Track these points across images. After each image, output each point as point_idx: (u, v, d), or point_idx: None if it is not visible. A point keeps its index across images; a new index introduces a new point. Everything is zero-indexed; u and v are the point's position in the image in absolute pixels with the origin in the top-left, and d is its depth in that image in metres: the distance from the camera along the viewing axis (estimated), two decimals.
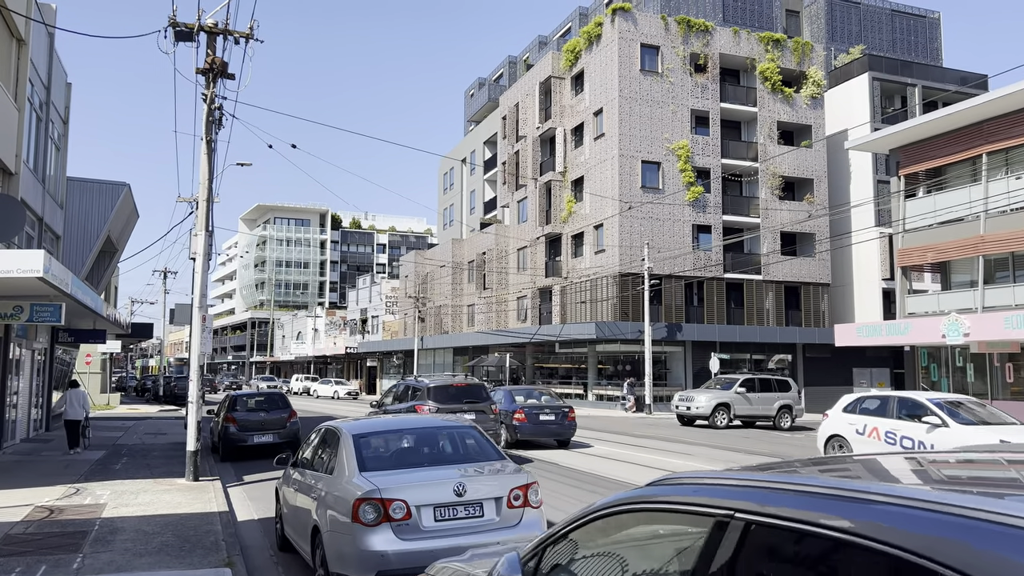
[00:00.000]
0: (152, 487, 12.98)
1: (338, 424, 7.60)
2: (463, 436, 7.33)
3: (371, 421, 7.73)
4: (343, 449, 6.86)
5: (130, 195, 25.13)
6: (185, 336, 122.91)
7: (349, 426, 7.38)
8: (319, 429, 8.26)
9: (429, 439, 7.31)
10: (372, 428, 7.31)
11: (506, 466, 6.81)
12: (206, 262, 13.93)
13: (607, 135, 41.32)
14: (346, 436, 7.00)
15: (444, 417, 8.07)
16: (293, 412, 18.53)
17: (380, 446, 7.04)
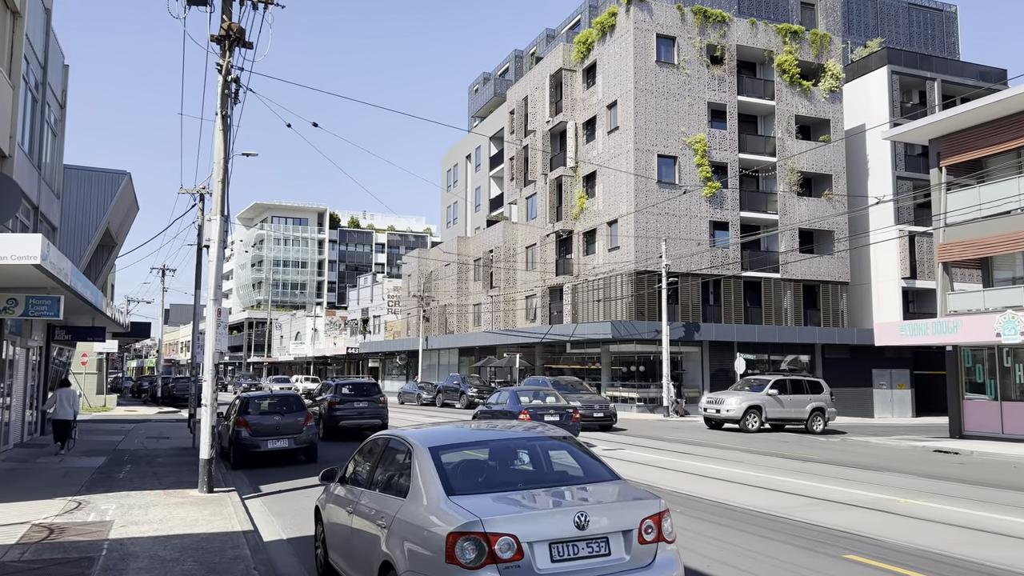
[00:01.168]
0: (162, 500, 11.62)
1: (404, 434, 6.26)
2: (561, 449, 6.00)
3: (443, 431, 6.39)
4: (419, 466, 5.53)
5: (130, 185, 23.74)
6: (181, 336, 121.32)
7: (419, 436, 6.05)
8: (375, 440, 6.93)
9: (522, 453, 5.98)
10: (450, 439, 5.98)
11: (626, 488, 5.49)
12: (221, 250, 12.58)
13: (622, 128, 40.04)
14: (420, 449, 5.67)
15: (530, 426, 6.69)
16: (309, 415, 17.18)
17: (465, 462, 5.71)
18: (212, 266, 12.48)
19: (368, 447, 7.03)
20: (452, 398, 42.52)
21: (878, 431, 30.05)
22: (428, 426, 6.93)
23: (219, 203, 12.64)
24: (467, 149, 62.06)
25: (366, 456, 6.97)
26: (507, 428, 6.68)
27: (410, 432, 6.30)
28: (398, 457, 6.07)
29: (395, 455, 6.18)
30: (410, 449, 5.80)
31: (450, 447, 5.72)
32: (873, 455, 20.36)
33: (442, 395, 43.60)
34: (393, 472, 6.02)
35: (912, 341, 23.86)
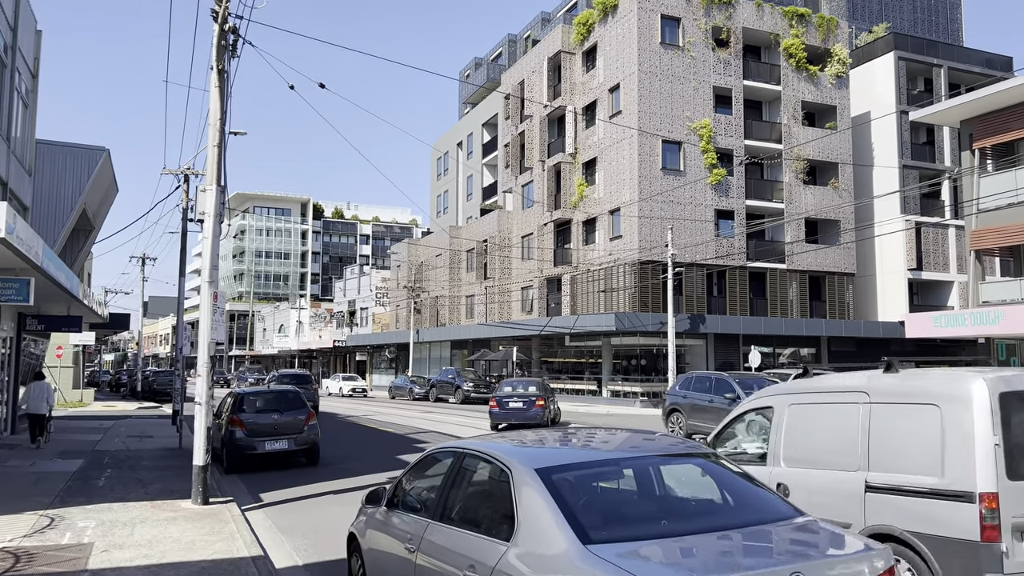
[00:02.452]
0: (151, 514, 9.97)
1: (488, 448, 4.68)
2: (700, 466, 4.45)
3: (551, 451, 4.74)
4: (525, 496, 3.96)
5: (109, 162, 21.89)
6: (160, 329, 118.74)
7: (511, 451, 4.48)
8: (441, 453, 5.36)
9: (654, 474, 4.41)
10: (556, 456, 4.41)
11: (827, 529, 3.94)
12: (217, 224, 10.92)
13: (624, 113, 38.52)
14: (523, 471, 4.10)
15: (647, 435, 5.09)
16: (311, 413, 15.53)
17: (587, 490, 4.14)
18: (207, 243, 10.82)
19: (430, 462, 5.47)
20: (447, 392, 40.95)
21: None
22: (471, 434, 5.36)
23: (215, 171, 10.97)
24: (458, 136, 60.32)
25: (429, 475, 5.41)
26: (611, 435, 5.14)
27: (494, 445, 4.74)
28: (485, 480, 4.52)
29: (479, 477, 4.62)
30: (506, 469, 4.23)
31: (563, 468, 4.15)
32: None
33: (436, 389, 42.01)
34: (480, 501, 4.47)
35: (947, 333, 22.63)
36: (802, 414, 6.61)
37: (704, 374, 21.27)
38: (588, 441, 4.95)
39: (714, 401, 18.53)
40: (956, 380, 5.60)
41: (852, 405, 6.19)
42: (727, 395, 18.22)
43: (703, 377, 20.34)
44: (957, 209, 44.99)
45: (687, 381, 20.52)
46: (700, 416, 18.80)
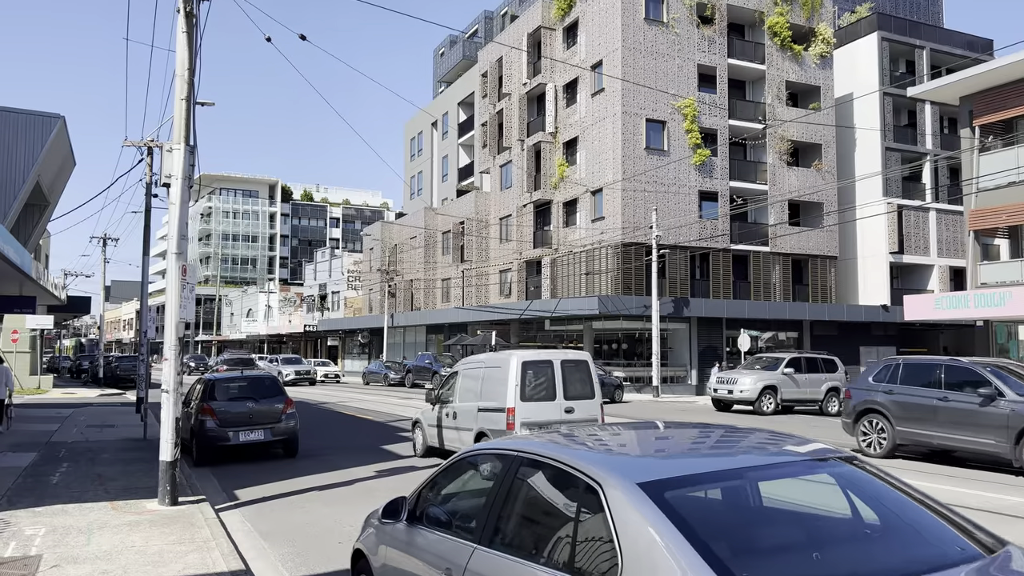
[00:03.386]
0: (111, 517, 8.73)
1: (560, 453, 3.49)
2: (859, 481, 3.36)
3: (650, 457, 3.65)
4: (631, 524, 2.82)
5: (64, 131, 20.28)
6: (123, 314, 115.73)
7: (601, 460, 3.33)
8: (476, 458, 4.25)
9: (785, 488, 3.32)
10: (669, 468, 3.26)
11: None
12: (186, 190, 9.64)
13: (607, 90, 37.45)
14: (626, 490, 2.92)
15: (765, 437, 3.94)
16: (289, 401, 14.30)
17: (722, 516, 3.03)
18: (175, 210, 9.53)
19: (466, 468, 4.33)
20: (423, 378, 39.78)
21: None
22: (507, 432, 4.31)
23: (183, 127, 9.68)
24: (433, 116, 58.78)
25: (467, 485, 4.29)
26: (706, 432, 4.06)
27: (564, 448, 3.62)
28: (558, 497, 3.40)
29: (547, 491, 3.51)
30: (593, 484, 3.10)
31: (677, 482, 3.04)
32: None
33: (412, 375, 40.82)
34: (552, 525, 3.34)
35: (949, 315, 21.98)
36: (465, 375, 13.34)
37: (921, 361, 14.74)
38: (686, 440, 3.87)
39: (950, 400, 12.86)
40: (508, 355, 12.32)
41: (479, 368, 12.93)
42: (980, 389, 12.58)
43: (922, 366, 14.15)
44: (938, 192, 44.78)
45: (888, 370, 14.42)
46: (923, 422, 13.23)
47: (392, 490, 10.80)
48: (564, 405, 12.02)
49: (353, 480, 11.72)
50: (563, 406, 12.00)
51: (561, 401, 12.08)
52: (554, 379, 12.11)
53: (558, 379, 12.11)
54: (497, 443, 4.11)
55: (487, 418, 12.06)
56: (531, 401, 11.81)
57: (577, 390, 12.18)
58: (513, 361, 11.94)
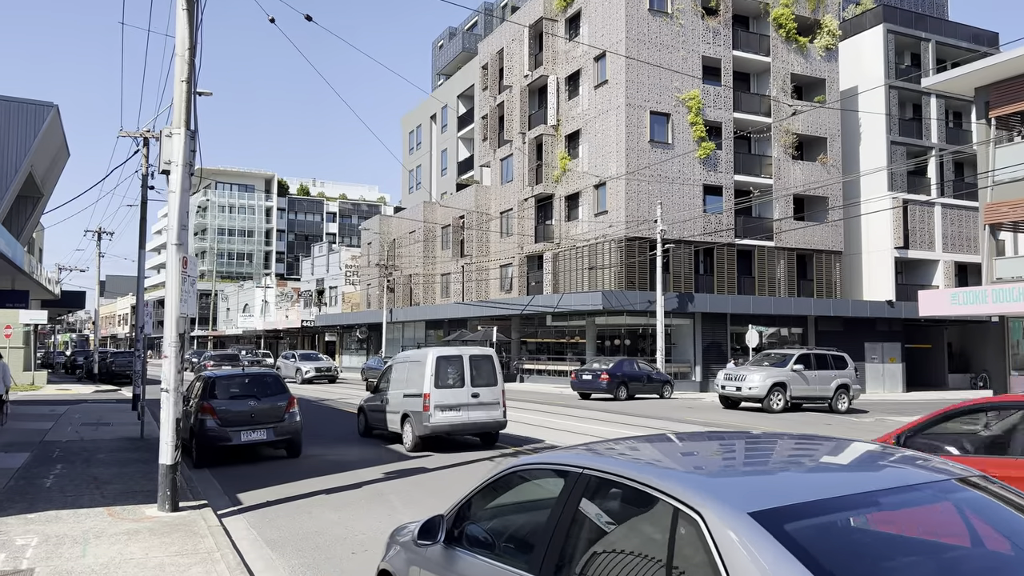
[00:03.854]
0: (108, 525, 8.20)
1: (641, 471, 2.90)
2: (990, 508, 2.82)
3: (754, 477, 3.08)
4: (747, 563, 2.32)
5: (58, 120, 19.67)
6: (119, 309, 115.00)
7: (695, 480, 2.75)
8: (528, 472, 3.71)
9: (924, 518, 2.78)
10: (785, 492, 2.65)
11: None
12: (186, 177, 9.09)
13: (611, 82, 36.90)
14: (738, 520, 2.36)
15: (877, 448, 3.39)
16: (292, 399, 13.77)
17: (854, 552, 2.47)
18: (175, 198, 8.98)
19: (515, 482, 3.79)
20: None
21: (899, 409, 27.91)
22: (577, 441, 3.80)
23: (183, 111, 9.12)
24: (432, 109, 58.16)
25: (520, 505, 3.77)
26: (808, 444, 3.52)
27: (643, 464, 3.08)
28: (643, 524, 2.86)
29: (628, 516, 2.97)
30: (690, 511, 2.55)
31: (799, 512, 2.49)
32: None
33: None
34: (639, 558, 2.81)
35: (965, 311, 21.51)
36: (395, 368, 15.98)
37: None
38: (781, 454, 3.33)
39: None
40: (427, 351, 14.80)
41: (406, 363, 15.55)
42: None
43: None
44: (943, 187, 44.35)
45: None
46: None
47: (402, 493, 10.29)
48: (471, 391, 14.36)
49: (361, 482, 11.20)
50: (470, 392, 14.35)
51: (469, 388, 14.39)
52: (463, 370, 14.46)
53: (467, 370, 14.47)
54: (555, 456, 3.57)
55: (410, 402, 14.60)
56: (444, 388, 14.22)
57: (483, 379, 14.61)
58: (430, 356, 14.46)
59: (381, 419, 15.86)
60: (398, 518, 8.93)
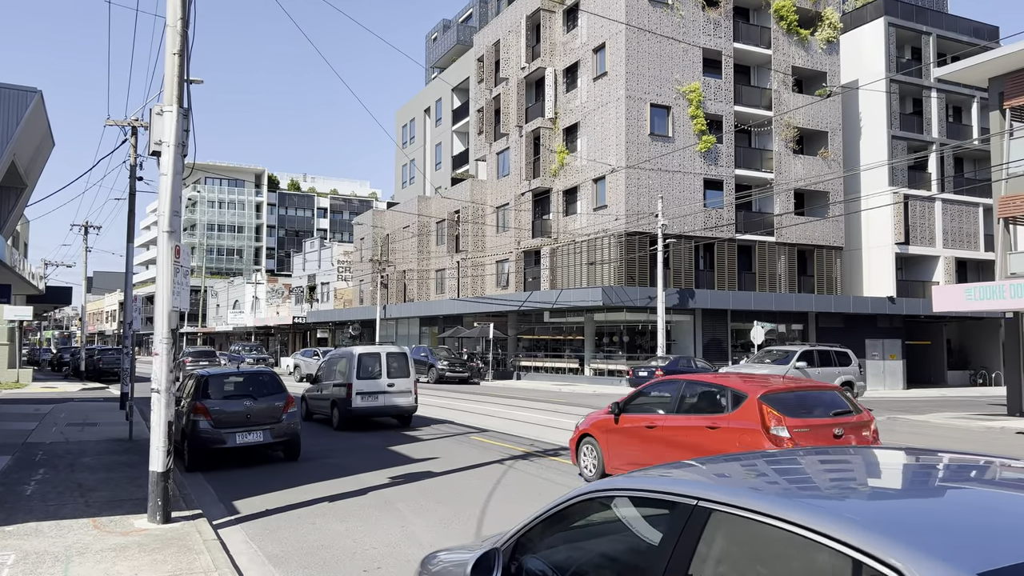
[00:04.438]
0: (93, 539, 7.46)
1: (795, 508, 2.16)
2: None
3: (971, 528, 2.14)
4: None
5: (42, 106, 18.82)
6: (106, 305, 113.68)
7: (887, 526, 2.01)
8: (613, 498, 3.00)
9: None
10: (1006, 542, 1.94)
11: None
12: (179, 157, 8.35)
13: (610, 74, 36.23)
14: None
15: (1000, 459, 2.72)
16: (290, 399, 13.04)
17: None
18: (167, 182, 8.24)
19: (595, 510, 3.10)
20: (418, 372, 38.42)
21: (903, 407, 27.39)
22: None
23: (175, 87, 8.38)
24: (426, 102, 57.37)
25: (604, 539, 3.08)
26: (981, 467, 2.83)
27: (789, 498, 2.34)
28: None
29: (773, 567, 2.29)
30: (885, 568, 1.89)
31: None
32: (958, 439, 17.36)
33: None
34: None
35: (981, 307, 20.94)
36: (328, 362, 18.92)
37: None
38: (985, 485, 2.62)
39: None
40: (352, 349, 17.99)
41: (337, 358, 18.44)
42: None
43: None
44: (944, 182, 43.94)
45: None
46: None
47: (411, 501, 9.60)
48: (387, 382, 17.33)
49: (366, 488, 10.49)
50: (386, 382, 17.32)
51: (385, 379, 17.38)
52: (381, 365, 17.41)
53: (383, 365, 17.41)
54: (655, 479, 2.86)
55: (338, 391, 17.33)
56: (365, 379, 17.18)
57: (397, 372, 17.57)
58: (355, 353, 17.55)
59: (318, 405, 18.86)
60: (410, 529, 8.25)
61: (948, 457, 2.95)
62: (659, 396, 9.99)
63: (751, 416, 8.29)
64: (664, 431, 9.35)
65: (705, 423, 8.82)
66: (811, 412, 8.48)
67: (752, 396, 8.41)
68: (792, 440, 8.06)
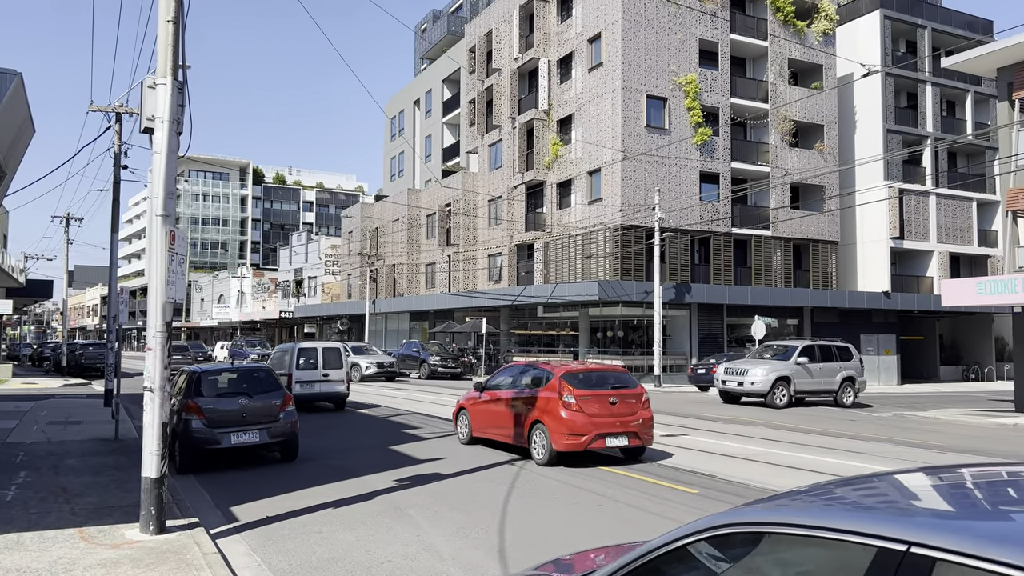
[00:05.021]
0: (81, 554, 6.78)
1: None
2: None
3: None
4: None
5: (22, 90, 17.96)
6: (87, 300, 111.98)
7: None
8: (776, 534, 2.32)
9: None
10: None
11: None
12: (174, 134, 7.65)
13: (606, 65, 35.62)
14: None
15: None
16: (288, 396, 12.36)
17: None
18: (160, 161, 7.54)
19: (741, 547, 2.49)
20: (410, 367, 37.84)
21: (904, 402, 27.05)
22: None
23: (169, 57, 7.67)
24: (416, 94, 56.54)
25: None
26: None
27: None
28: None
29: None
30: None
31: None
32: (970, 436, 16.94)
33: (398, 364, 38.79)
34: None
35: (992, 301, 20.54)
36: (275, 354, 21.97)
37: None
38: None
39: None
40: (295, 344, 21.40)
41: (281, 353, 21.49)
42: None
43: None
44: (938, 177, 43.70)
45: None
46: None
47: (424, 507, 8.96)
48: (322, 372, 20.08)
49: (372, 492, 9.85)
50: (322, 372, 20.07)
51: (321, 370, 20.21)
52: (318, 357, 20.48)
53: (320, 357, 20.49)
54: (835, 508, 2.23)
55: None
56: (303, 370, 20.06)
57: (332, 364, 20.58)
58: (296, 347, 20.74)
59: None
60: (427, 539, 7.62)
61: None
62: (506, 377, 13.60)
63: (553, 388, 11.78)
64: (507, 401, 12.87)
65: (529, 393, 12.34)
66: (596, 386, 11.94)
67: (556, 374, 12.00)
68: (576, 404, 11.49)
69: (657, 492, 9.96)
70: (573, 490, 10.04)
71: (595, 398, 11.58)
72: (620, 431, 11.52)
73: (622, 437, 11.58)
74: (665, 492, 9.93)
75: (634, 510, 8.95)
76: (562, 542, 7.47)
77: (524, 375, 13.00)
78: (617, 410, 11.61)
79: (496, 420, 13.00)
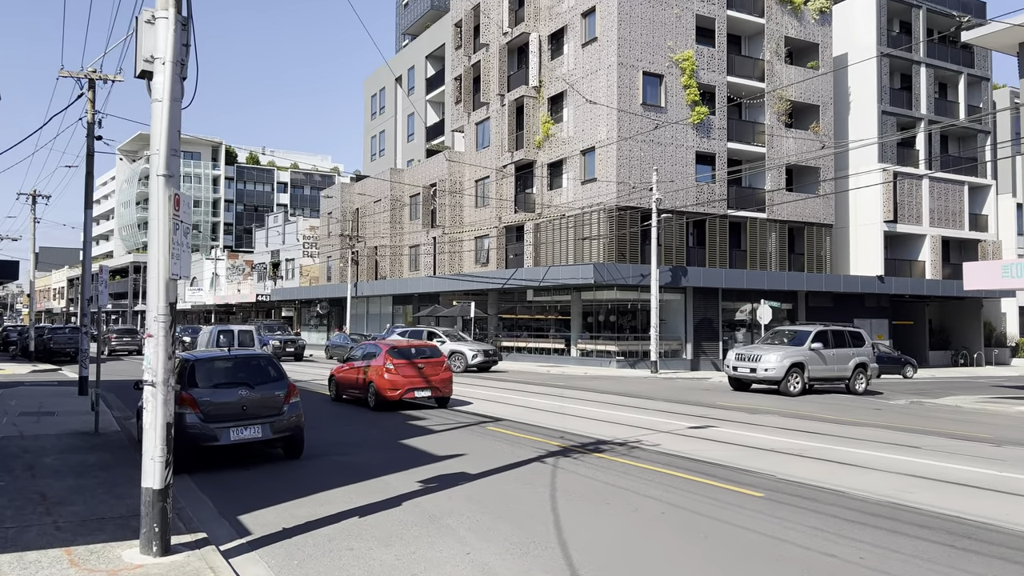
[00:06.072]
0: None
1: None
2: None
3: None
4: None
5: None
6: (53, 282, 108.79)
7: None
8: None
9: None
10: None
11: None
12: (178, 79, 6.39)
13: (600, 40, 34.43)
14: None
15: None
16: (292, 386, 11.13)
17: None
18: (163, 110, 6.28)
19: None
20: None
21: (909, 389, 26.44)
22: None
23: None
24: (397, 70, 54.84)
25: None
26: None
27: None
28: None
29: None
30: None
31: None
32: (1009, 426, 16.20)
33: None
34: None
35: (1018, 284, 19.82)
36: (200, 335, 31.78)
37: None
38: None
39: None
40: (215, 327, 30.83)
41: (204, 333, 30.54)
42: None
43: None
44: (931, 160, 43.19)
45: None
46: None
47: (462, 515, 7.83)
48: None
49: (397, 497, 8.71)
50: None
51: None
52: (233, 338, 26.26)
53: (236, 338, 25.97)
54: None
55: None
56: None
57: (246, 343, 26.10)
58: (215, 329, 26.42)
59: None
60: (479, 558, 6.51)
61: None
62: (361, 352, 18.38)
63: (382, 359, 16.88)
64: (357, 369, 17.79)
65: (366, 363, 17.43)
66: (411, 357, 17.03)
67: (384, 350, 17.12)
68: (395, 369, 16.68)
69: (717, 495, 8.94)
70: (622, 492, 8.98)
71: (408, 364, 16.86)
72: (424, 386, 16.90)
73: (426, 390, 16.98)
74: (727, 496, 8.91)
75: (703, 519, 7.92)
76: (639, 562, 6.41)
77: (367, 351, 18.10)
78: (424, 372, 16.94)
79: (350, 383, 18.16)
